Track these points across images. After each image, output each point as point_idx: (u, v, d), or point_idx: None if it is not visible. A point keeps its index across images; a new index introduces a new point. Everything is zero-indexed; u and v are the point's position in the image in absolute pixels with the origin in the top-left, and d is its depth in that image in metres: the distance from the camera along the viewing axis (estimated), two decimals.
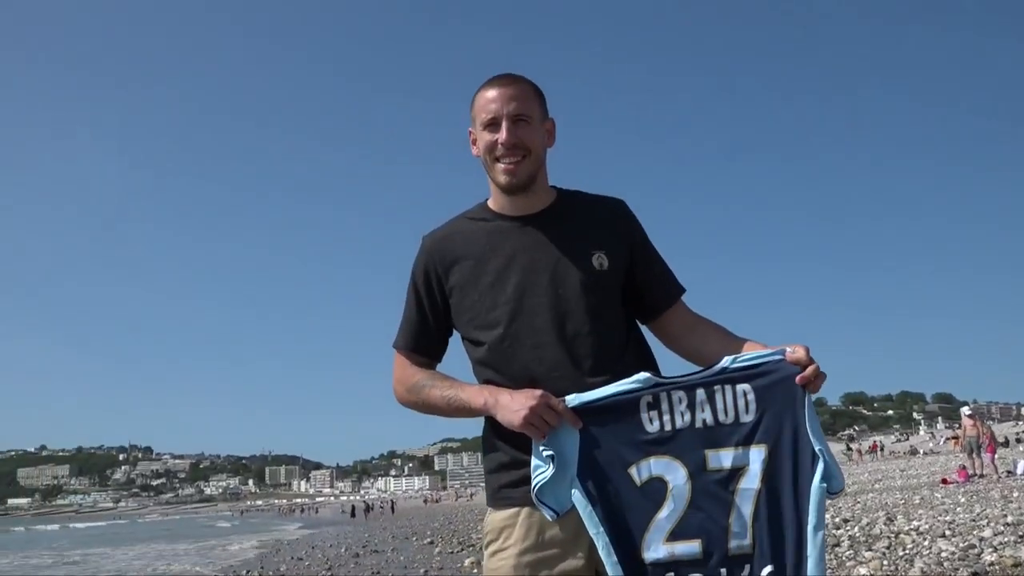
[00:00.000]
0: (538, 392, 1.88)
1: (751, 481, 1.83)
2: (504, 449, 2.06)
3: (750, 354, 1.92)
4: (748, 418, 1.87)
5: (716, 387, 1.88)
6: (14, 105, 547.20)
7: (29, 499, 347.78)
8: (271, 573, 17.11)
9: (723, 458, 1.84)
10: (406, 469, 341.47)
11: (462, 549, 18.72)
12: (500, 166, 2.08)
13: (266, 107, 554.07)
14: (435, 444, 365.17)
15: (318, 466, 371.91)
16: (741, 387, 1.88)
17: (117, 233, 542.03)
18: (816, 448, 1.86)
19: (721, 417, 1.87)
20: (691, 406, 1.87)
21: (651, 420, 1.87)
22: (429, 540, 23.34)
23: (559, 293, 2.03)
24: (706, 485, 1.83)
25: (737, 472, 1.83)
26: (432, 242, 2.18)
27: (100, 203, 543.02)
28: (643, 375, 1.89)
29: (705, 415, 1.87)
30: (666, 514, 1.81)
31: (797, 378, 1.87)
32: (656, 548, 1.80)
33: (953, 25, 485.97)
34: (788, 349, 1.90)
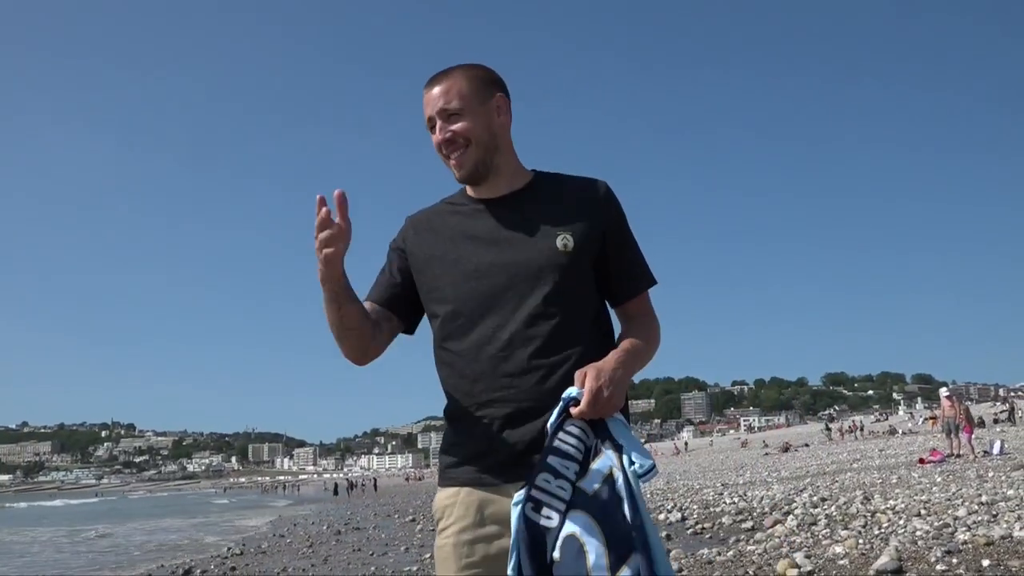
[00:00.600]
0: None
1: (620, 478, 1.81)
2: (451, 430, 2.10)
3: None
4: (589, 440, 1.86)
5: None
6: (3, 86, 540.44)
7: (11, 476, 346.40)
8: (252, 550, 17.14)
9: (593, 480, 1.81)
10: (389, 447, 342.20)
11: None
12: (449, 163, 2.10)
13: (262, 92, 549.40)
14: (418, 422, 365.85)
15: (301, 444, 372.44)
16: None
17: (98, 213, 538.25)
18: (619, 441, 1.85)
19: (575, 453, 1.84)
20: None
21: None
22: (411, 518, 23.42)
23: (518, 273, 2.01)
24: (598, 513, 1.80)
25: (610, 478, 1.81)
26: (411, 221, 2.24)
27: (79, 184, 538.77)
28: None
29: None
30: (593, 560, 1.75)
31: (573, 412, 1.84)
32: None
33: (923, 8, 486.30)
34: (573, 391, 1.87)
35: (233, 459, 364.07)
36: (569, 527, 1.78)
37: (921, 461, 19.86)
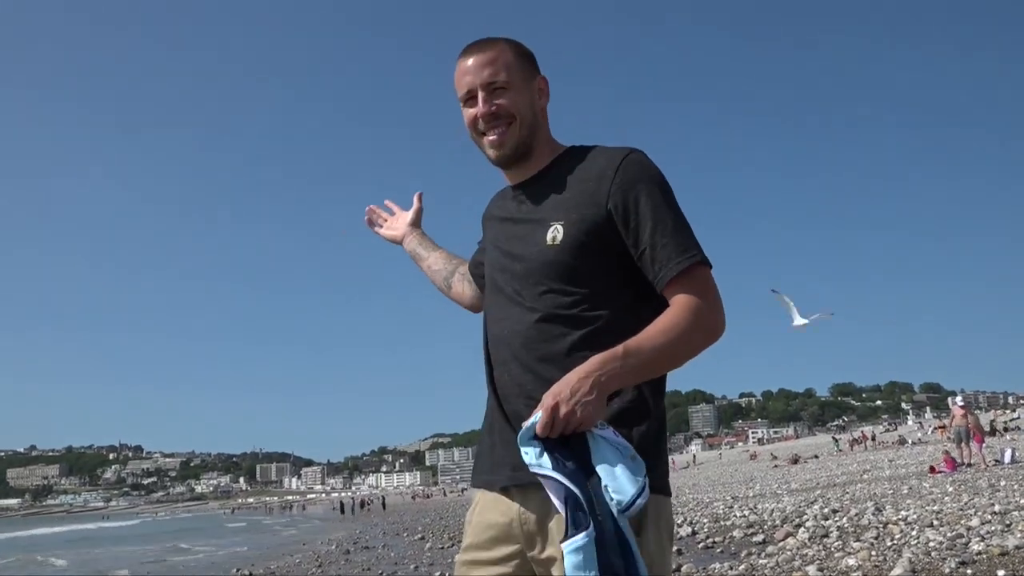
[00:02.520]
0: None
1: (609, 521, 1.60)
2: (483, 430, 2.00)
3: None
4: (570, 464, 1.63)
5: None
6: (11, 92, 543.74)
7: (19, 499, 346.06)
8: (261, 571, 17.08)
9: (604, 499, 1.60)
10: (397, 465, 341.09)
11: (452, 544, 18.71)
12: (486, 139, 1.92)
13: (275, 89, 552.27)
14: (426, 439, 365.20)
15: (309, 463, 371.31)
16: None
17: (109, 233, 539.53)
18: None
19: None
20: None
21: None
22: (420, 536, 23.37)
23: (516, 269, 1.90)
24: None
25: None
26: (487, 207, 2.19)
27: (89, 204, 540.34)
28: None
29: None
30: None
31: (538, 430, 1.62)
32: None
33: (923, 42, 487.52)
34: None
35: (241, 479, 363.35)
36: None
37: (932, 470, 19.75)
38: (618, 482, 1.57)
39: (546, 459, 1.60)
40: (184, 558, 26.28)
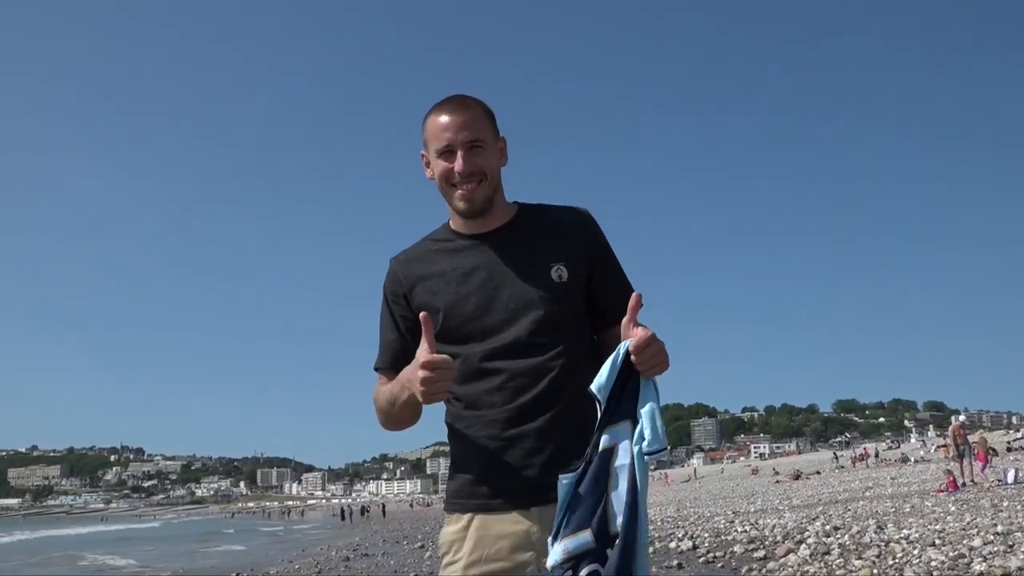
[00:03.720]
0: (419, 359, 1.90)
1: (624, 457, 1.83)
2: (458, 455, 2.14)
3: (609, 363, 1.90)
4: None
5: None
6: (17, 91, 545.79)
7: (20, 499, 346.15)
8: (261, 575, 17.08)
9: (602, 443, 1.84)
10: (398, 472, 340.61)
11: None
12: (458, 192, 2.08)
13: (280, 82, 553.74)
14: (427, 447, 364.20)
15: (310, 468, 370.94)
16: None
17: (111, 234, 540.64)
18: (638, 410, 1.86)
19: None
20: None
21: None
22: (420, 544, 23.32)
23: (516, 306, 2.05)
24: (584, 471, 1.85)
25: (609, 452, 1.84)
26: (398, 264, 2.23)
27: (92, 203, 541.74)
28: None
29: None
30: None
31: (631, 346, 1.83)
32: (552, 551, 1.81)
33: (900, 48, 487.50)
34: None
35: (242, 484, 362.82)
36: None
37: (940, 491, 19.68)
38: (656, 428, 1.80)
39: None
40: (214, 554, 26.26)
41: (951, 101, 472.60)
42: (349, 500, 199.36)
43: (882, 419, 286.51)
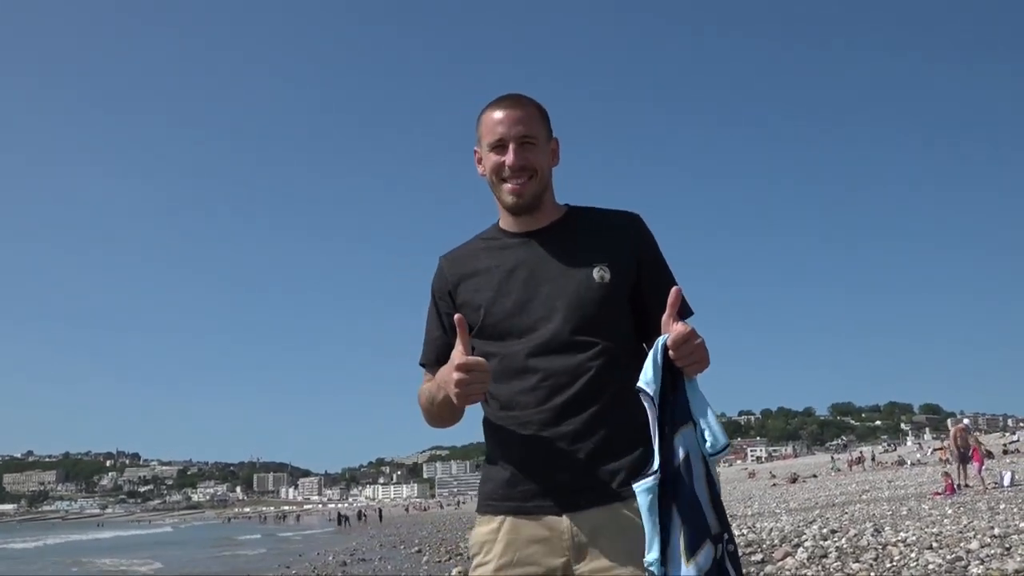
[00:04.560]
0: (454, 360, 1.91)
1: (697, 462, 1.83)
2: (493, 455, 2.12)
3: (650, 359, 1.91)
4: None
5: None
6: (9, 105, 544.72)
7: (15, 505, 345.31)
8: None
9: (678, 451, 1.83)
10: (394, 477, 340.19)
11: (450, 558, 18.70)
12: (507, 187, 2.10)
13: (274, 100, 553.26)
14: (424, 452, 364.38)
15: (306, 473, 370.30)
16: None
17: (109, 237, 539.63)
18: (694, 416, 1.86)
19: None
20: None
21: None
22: (417, 549, 23.32)
23: (558, 305, 2.04)
24: (676, 485, 1.82)
25: (688, 459, 1.83)
26: (446, 262, 2.25)
27: (91, 205, 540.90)
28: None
29: None
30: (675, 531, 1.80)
31: (669, 340, 1.84)
32: (685, 570, 1.77)
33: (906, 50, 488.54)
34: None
35: (238, 488, 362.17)
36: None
37: (936, 494, 19.69)
38: (713, 428, 1.82)
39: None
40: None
41: (952, 101, 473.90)
42: (345, 505, 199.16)
43: (878, 422, 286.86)
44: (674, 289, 1.90)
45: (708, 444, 1.81)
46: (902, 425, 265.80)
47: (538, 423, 2.00)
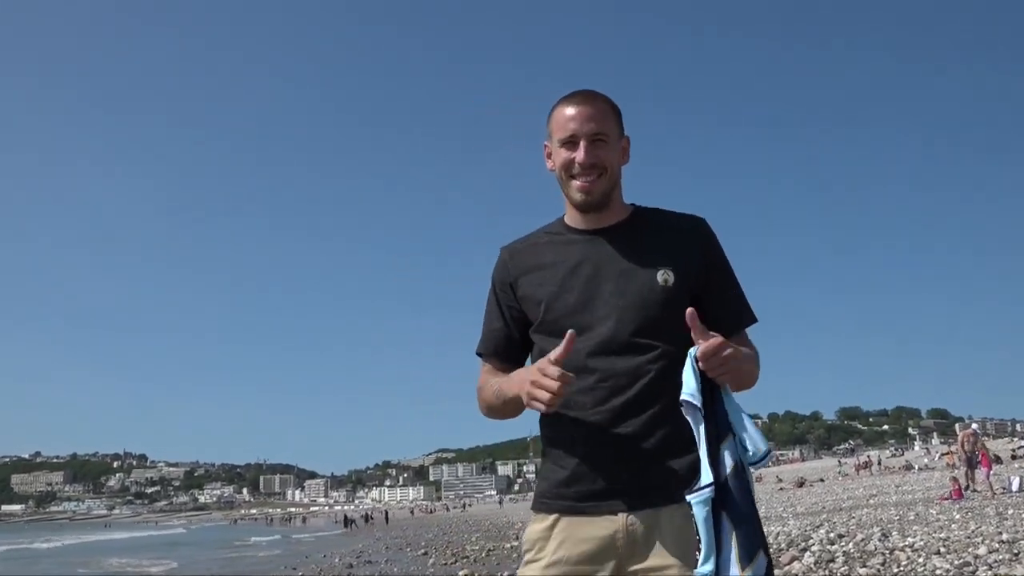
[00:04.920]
0: (544, 369, 1.90)
1: (743, 471, 1.85)
2: (549, 454, 2.12)
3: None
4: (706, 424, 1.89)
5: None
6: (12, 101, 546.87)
7: (23, 505, 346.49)
8: None
9: (727, 462, 1.84)
10: (401, 479, 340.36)
11: (456, 561, 18.70)
12: (576, 183, 2.10)
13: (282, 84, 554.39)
14: (430, 454, 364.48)
15: (312, 475, 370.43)
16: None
17: (112, 237, 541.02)
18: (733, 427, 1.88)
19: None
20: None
21: None
22: (423, 551, 23.33)
23: (620, 305, 2.04)
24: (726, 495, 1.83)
25: (735, 469, 1.84)
26: (507, 253, 2.24)
27: (97, 206, 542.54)
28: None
29: None
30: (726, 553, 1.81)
31: (699, 352, 1.85)
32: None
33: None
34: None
35: (244, 490, 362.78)
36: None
37: (944, 499, 19.62)
38: (752, 436, 1.84)
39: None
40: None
41: (952, 101, 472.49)
42: (352, 507, 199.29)
43: (886, 427, 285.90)
44: (688, 312, 1.87)
45: (750, 452, 1.84)
46: (909, 430, 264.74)
47: (595, 424, 2.00)
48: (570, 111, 2.10)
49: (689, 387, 1.86)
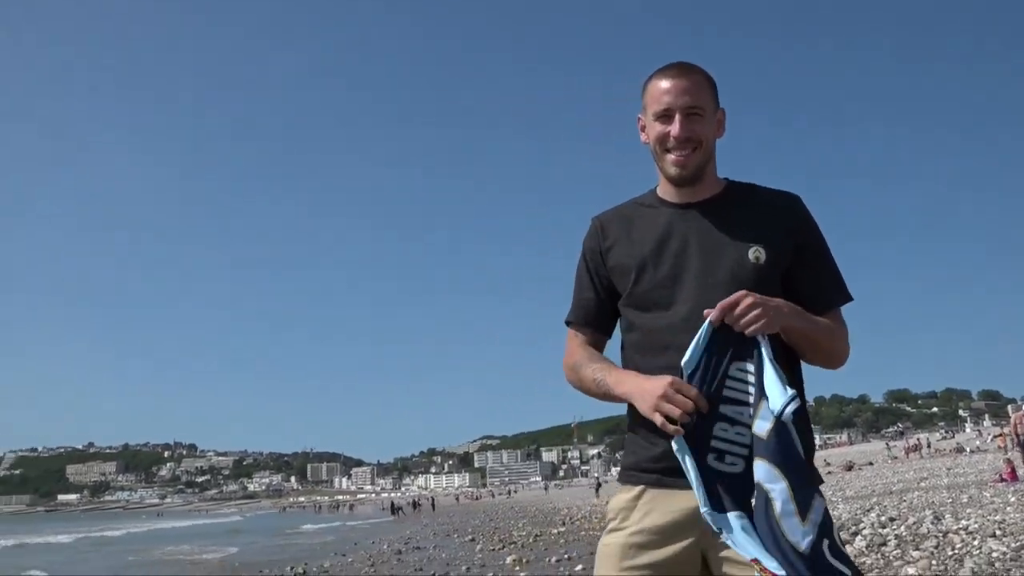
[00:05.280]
0: (667, 379, 1.90)
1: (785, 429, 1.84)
2: (635, 427, 2.09)
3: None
4: (753, 385, 1.88)
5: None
6: (58, 107, 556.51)
7: (78, 495, 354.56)
8: (315, 568, 17.29)
9: (764, 422, 1.83)
10: (446, 466, 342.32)
11: (503, 547, 18.79)
12: (670, 157, 2.08)
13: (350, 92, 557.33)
14: (475, 441, 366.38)
15: (359, 463, 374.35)
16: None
17: (157, 234, 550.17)
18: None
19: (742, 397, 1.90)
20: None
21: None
22: (470, 537, 23.47)
23: (709, 282, 2.02)
24: (775, 457, 1.82)
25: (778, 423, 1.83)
26: (600, 223, 2.23)
27: (136, 206, 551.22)
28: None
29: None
30: (779, 507, 1.78)
31: (719, 306, 1.88)
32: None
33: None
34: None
35: (292, 478, 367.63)
36: (756, 475, 1.82)
37: (997, 481, 19.29)
38: (775, 392, 1.81)
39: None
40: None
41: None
42: (398, 494, 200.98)
43: (935, 409, 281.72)
44: (717, 307, 1.88)
45: (780, 405, 1.80)
46: (960, 412, 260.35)
47: None
48: (665, 84, 2.07)
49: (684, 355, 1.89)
